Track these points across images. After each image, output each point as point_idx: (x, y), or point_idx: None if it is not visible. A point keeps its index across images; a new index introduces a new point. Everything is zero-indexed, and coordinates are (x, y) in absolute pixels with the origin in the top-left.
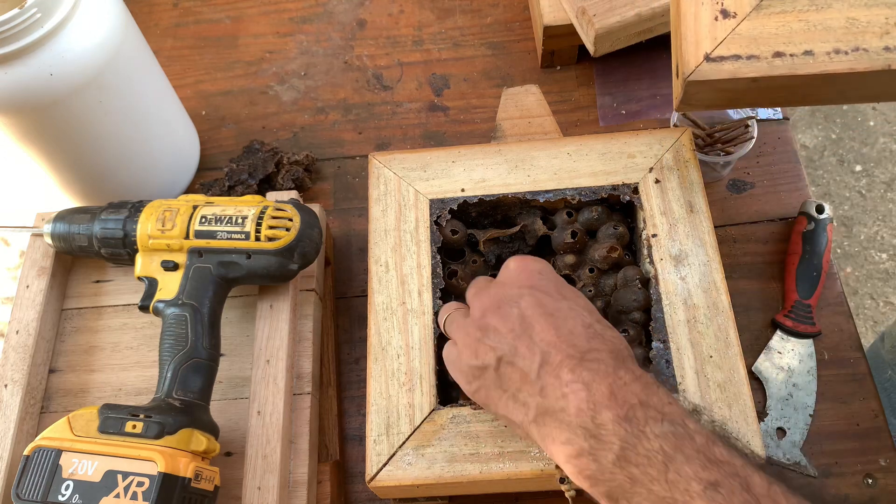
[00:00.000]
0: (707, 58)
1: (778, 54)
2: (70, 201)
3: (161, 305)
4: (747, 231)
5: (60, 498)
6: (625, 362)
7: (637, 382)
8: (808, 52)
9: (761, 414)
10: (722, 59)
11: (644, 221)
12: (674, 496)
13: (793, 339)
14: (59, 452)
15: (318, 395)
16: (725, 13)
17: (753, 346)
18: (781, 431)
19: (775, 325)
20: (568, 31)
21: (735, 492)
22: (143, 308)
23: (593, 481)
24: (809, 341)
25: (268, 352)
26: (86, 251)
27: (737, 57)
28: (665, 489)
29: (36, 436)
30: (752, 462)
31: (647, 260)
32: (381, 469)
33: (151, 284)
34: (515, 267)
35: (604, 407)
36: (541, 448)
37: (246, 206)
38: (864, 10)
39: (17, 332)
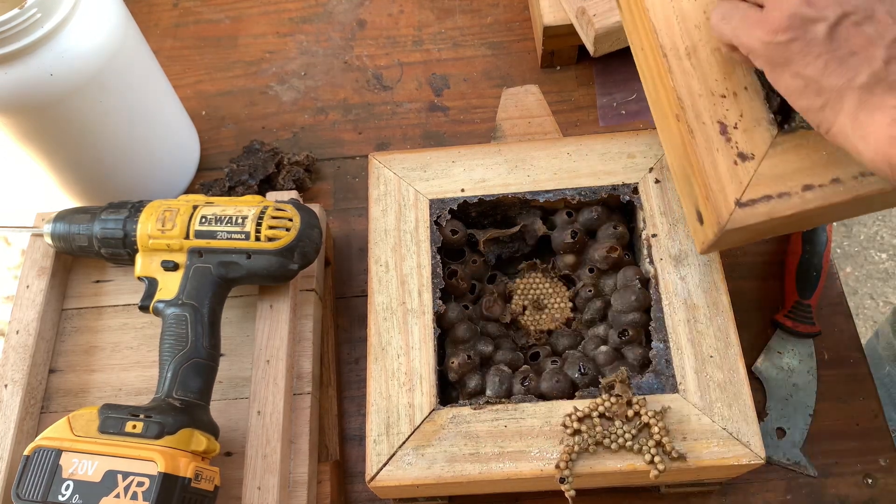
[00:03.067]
0: (738, 203)
1: (807, 187)
2: (70, 201)
3: (161, 305)
4: None
5: (60, 498)
6: None
7: None
8: (835, 180)
9: (761, 414)
10: (753, 202)
11: (644, 221)
12: None
13: (793, 338)
14: (59, 452)
15: (318, 395)
16: (743, 156)
17: (753, 346)
18: (781, 431)
19: (775, 325)
20: (568, 31)
21: None
22: (143, 308)
23: None
24: (809, 341)
25: (268, 352)
26: (86, 251)
27: (768, 197)
28: None
29: (36, 436)
30: None
31: (647, 260)
32: (381, 469)
33: (151, 284)
34: None
35: None
36: (848, 122)
37: (246, 207)
38: None
39: (18, 332)
